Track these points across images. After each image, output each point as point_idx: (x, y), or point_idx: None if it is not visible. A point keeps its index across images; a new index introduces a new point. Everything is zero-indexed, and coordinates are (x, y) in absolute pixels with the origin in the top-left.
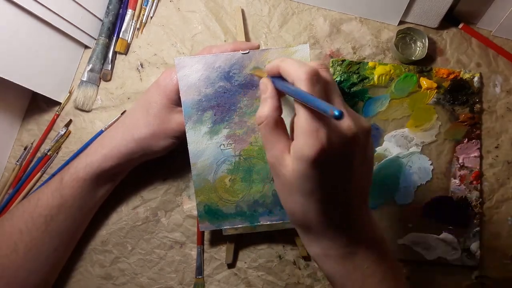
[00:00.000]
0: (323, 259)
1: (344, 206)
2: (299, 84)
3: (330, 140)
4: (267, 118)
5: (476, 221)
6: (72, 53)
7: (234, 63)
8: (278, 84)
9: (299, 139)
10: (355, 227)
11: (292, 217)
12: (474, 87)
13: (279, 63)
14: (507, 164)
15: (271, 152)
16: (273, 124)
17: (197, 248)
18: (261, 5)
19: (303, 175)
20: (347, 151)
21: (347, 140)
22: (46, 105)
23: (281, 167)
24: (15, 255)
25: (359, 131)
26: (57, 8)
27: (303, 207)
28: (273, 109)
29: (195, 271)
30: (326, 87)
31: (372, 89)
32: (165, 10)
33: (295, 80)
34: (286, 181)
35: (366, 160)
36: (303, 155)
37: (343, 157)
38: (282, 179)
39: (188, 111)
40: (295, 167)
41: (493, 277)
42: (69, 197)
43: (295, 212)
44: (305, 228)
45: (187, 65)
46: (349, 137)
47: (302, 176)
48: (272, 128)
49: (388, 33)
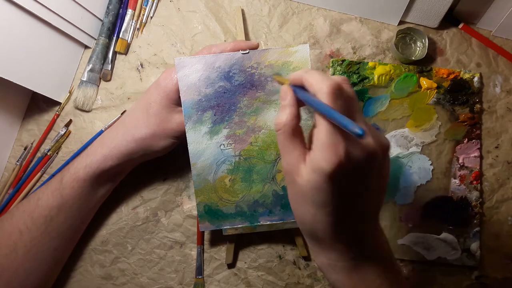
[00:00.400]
0: (330, 270)
1: (356, 221)
2: (321, 97)
3: (348, 155)
4: (285, 126)
5: (476, 221)
6: (72, 53)
7: (234, 63)
8: (300, 93)
9: (318, 151)
10: (364, 242)
11: (302, 226)
12: (474, 87)
13: (303, 73)
14: (507, 164)
15: (287, 159)
16: (290, 131)
17: (197, 248)
18: (261, 5)
19: (317, 187)
20: (365, 168)
21: (366, 157)
22: (46, 105)
23: (295, 176)
24: (14, 255)
25: (378, 148)
26: (57, 8)
27: (314, 218)
28: (292, 117)
29: (195, 271)
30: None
31: (372, 89)
32: (165, 10)
33: (318, 92)
34: (299, 190)
35: (382, 177)
36: (320, 168)
37: (360, 173)
38: (296, 187)
39: (188, 111)
40: (310, 178)
41: (493, 277)
42: (69, 198)
43: (305, 222)
44: (314, 238)
45: (187, 65)
46: (368, 154)
47: (316, 188)
48: (289, 135)
49: (388, 33)
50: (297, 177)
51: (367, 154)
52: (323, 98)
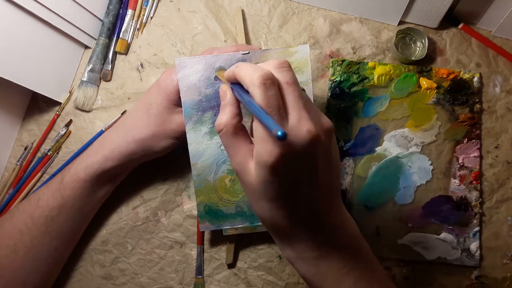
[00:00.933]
0: (297, 261)
1: (312, 209)
2: (253, 90)
3: (289, 144)
4: (226, 126)
5: (476, 221)
6: (72, 53)
7: (234, 64)
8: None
9: (258, 145)
10: (326, 229)
11: (263, 222)
12: (474, 87)
13: (234, 69)
14: (507, 164)
15: (234, 159)
16: (232, 131)
17: (197, 248)
18: (261, 5)
19: (265, 181)
20: (309, 154)
21: (308, 143)
22: (46, 105)
23: (245, 174)
24: (14, 255)
25: (320, 132)
26: (57, 8)
27: (271, 212)
28: (231, 116)
29: (195, 271)
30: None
31: (372, 89)
32: (165, 10)
33: (249, 86)
34: (251, 187)
35: (331, 160)
36: (263, 162)
37: (305, 160)
38: (248, 185)
39: (188, 112)
40: (257, 173)
41: (493, 277)
42: (69, 198)
43: (264, 218)
44: (276, 232)
45: (187, 65)
46: (309, 140)
47: (265, 182)
48: (232, 135)
49: (388, 33)
50: (246, 175)
51: (308, 140)
52: (254, 92)
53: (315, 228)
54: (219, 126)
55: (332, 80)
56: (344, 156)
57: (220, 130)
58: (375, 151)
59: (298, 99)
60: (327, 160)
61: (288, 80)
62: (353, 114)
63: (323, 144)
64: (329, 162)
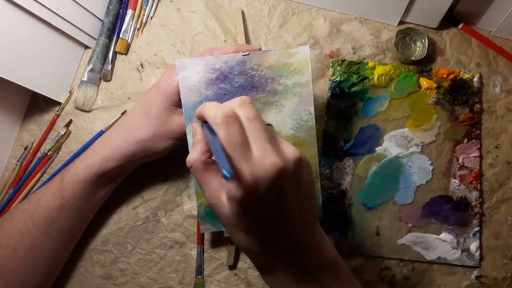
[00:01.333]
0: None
1: (286, 239)
2: (215, 128)
3: (254, 178)
4: (195, 162)
5: (476, 221)
6: (72, 53)
7: (234, 65)
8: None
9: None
10: (303, 256)
11: (243, 251)
12: (474, 87)
13: (201, 108)
14: (507, 164)
15: (206, 193)
16: (202, 167)
17: (197, 248)
18: (261, 5)
19: (237, 214)
20: (275, 186)
21: (273, 175)
22: (46, 105)
23: (219, 207)
24: (14, 255)
25: (287, 163)
26: (57, 8)
27: (247, 243)
28: (201, 152)
29: (195, 271)
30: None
31: (372, 89)
32: (165, 10)
33: (212, 124)
34: (225, 219)
35: (301, 188)
36: (231, 197)
37: (273, 192)
38: (222, 218)
39: (189, 113)
40: (229, 206)
41: (493, 277)
42: (69, 198)
43: (242, 247)
44: (255, 261)
45: (187, 66)
46: (275, 172)
47: (237, 215)
48: (202, 171)
49: (388, 33)
50: (220, 208)
51: (274, 173)
52: (216, 129)
53: (291, 257)
54: (189, 162)
55: (332, 80)
56: (344, 156)
57: (191, 166)
58: (375, 151)
59: (260, 133)
60: (296, 189)
61: (249, 115)
62: (353, 114)
63: (290, 175)
64: (299, 191)
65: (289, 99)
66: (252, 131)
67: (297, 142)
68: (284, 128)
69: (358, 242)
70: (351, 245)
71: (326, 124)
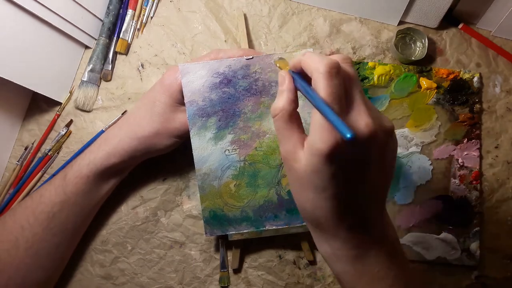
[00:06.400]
0: (333, 258)
1: (358, 207)
2: (317, 77)
3: None
4: (282, 111)
5: (476, 221)
6: (72, 53)
7: (238, 69)
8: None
9: (314, 133)
10: (368, 229)
11: (303, 213)
12: (474, 87)
13: (301, 57)
14: (507, 164)
15: (284, 146)
16: (287, 117)
17: (218, 241)
18: (261, 5)
19: (315, 170)
20: (364, 150)
21: (364, 137)
22: (47, 105)
23: (293, 162)
24: (15, 250)
25: (379, 130)
26: (58, 8)
27: (315, 204)
28: (288, 102)
29: (220, 265)
30: (347, 82)
31: (372, 89)
32: (165, 10)
33: (313, 72)
34: (298, 176)
35: (385, 161)
36: (316, 149)
37: (359, 155)
38: (294, 173)
39: (193, 117)
40: (308, 161)
41: (493, 277)
42: (72, 194)
43: (306, 209)
44: (316, 226)
45: (191, 71)
46: (366, 134)
47: (314, 171)
48: (286, 121)
49: (388, 33)
50: (295, 163)
51: (366, 135)
52: (319, 78)
53: (358, 227)
54: (275, 110)
55: None
56: None
57: (276, 115)
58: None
59: (360, 94)
60: (380, 159)
61: (352, 74)
62: None
63: (379, 142)
64: (382, 161)
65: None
66: (353, 89)
67: None
68: None
69: None
70: None
71: None
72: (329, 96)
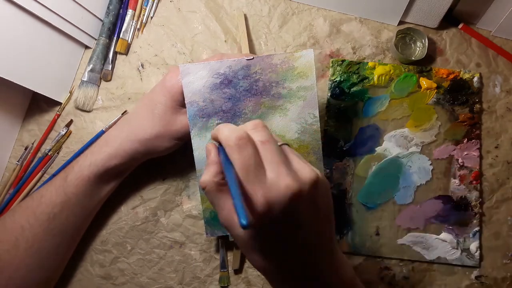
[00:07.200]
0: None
1: (302, 260)
2: (228, 150)
3: (268, 202)
4: (209, 184)
5: (476, 221)
6: (72, 53)
7: (238, 69)
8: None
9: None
10: (316, 276)
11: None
12: (474, 87)
13: (215, 130)
14: (507, 164)
15: (220, 214)
16: (216, 188)
17: (218, 241)
18: (261, 5)
19: (252, 237)
20: (290, 210)
21: (288, 199)
22: (47, 105)
23: (233, 229)
24: (15, 250)
25: (302, 186)
26: (58, 8)
27: (261, 263)
28: (214, 175)
29: (219, 264)
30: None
31: (372, 89)
32: (165, 10)
33: (225, 147)
34: (240, 240)
35: (318, 211)
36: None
37: (287, 215)
38: (237, 238)
39: (194, 118)
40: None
41: (493, 277)
42: (72, 195)
43: (257, 267)
44: (270, 281)
45: (192, 71)
46: (289, 196)
47: (251, 237)
48: (216, 192)
49: (388, 33)
50: (234, 230)
51: (288, 195)
52: (229, 151)
53: (303, 278)
54: (203, 184)
55: (332, 80)
56: (344, 156)
57: (204, 188)
58: (375, 151)
59: (275, 156)
60: (313, 212)
61: (262, 139)
62: (353, 114)
63: (306, 197)
64: (316, 214)
65: (294, 103)
66: (266, 154)
67: (301, 146)
68: (288, 132)
69: (358, 242)
70: (351, 245)
71: (326, 124)
72: (241, 168)
